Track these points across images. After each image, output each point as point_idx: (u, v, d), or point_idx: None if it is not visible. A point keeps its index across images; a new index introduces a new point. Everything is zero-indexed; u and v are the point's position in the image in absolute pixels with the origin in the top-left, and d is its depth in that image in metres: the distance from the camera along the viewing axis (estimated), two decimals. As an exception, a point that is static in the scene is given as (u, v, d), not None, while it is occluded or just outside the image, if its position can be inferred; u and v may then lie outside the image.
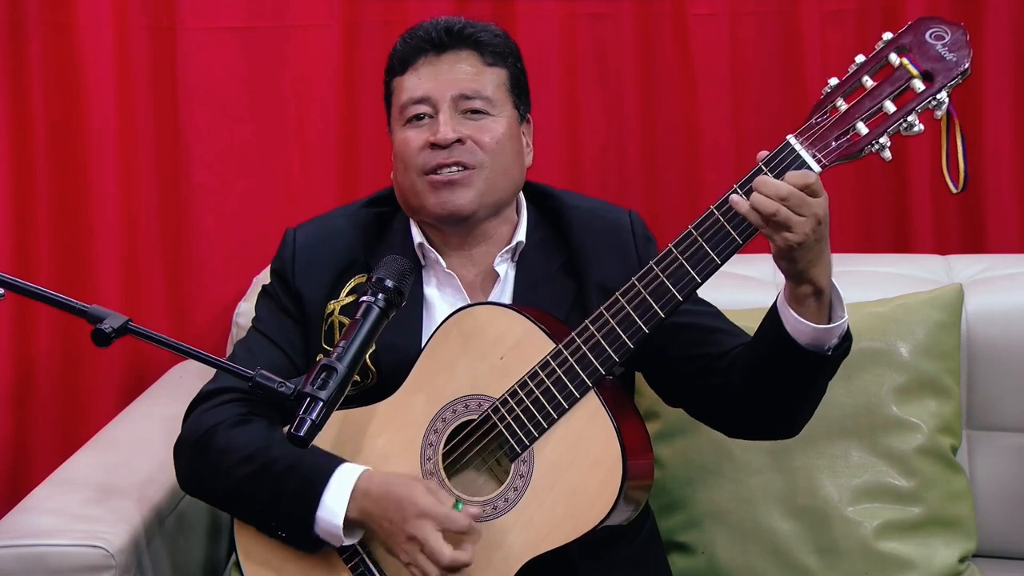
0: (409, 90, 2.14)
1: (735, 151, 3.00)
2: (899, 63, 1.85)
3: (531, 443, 1.97)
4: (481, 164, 2.11)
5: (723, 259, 1.90)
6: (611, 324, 1.94)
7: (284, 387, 1.80)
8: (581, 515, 1.93)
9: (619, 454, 1.92)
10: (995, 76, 2.97)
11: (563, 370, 1.95)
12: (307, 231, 2.23)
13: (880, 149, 1.85)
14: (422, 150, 2.11)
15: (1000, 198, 2.99)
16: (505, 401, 1.98)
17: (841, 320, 1.93)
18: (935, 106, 1.83)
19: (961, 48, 1.83)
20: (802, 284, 1.89)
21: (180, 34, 2.94)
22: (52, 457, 2.78)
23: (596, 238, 2.17)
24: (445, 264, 2.16)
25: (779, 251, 1.86)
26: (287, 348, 2.16)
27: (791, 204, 1.82)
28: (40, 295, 1.86)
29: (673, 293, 1.92)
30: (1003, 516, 2.55)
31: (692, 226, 1.91)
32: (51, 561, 2.06)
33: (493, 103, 2.14)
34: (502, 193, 2.15)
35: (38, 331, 2.94)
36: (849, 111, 1.85)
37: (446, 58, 2.14)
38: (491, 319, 2.03)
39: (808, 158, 1.85)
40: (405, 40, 2.17)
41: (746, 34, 3.02)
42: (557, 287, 2.15)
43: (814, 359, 1.93)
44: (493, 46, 2.16)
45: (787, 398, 2.02)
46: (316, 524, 1.98)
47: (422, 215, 2.15)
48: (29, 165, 2.92)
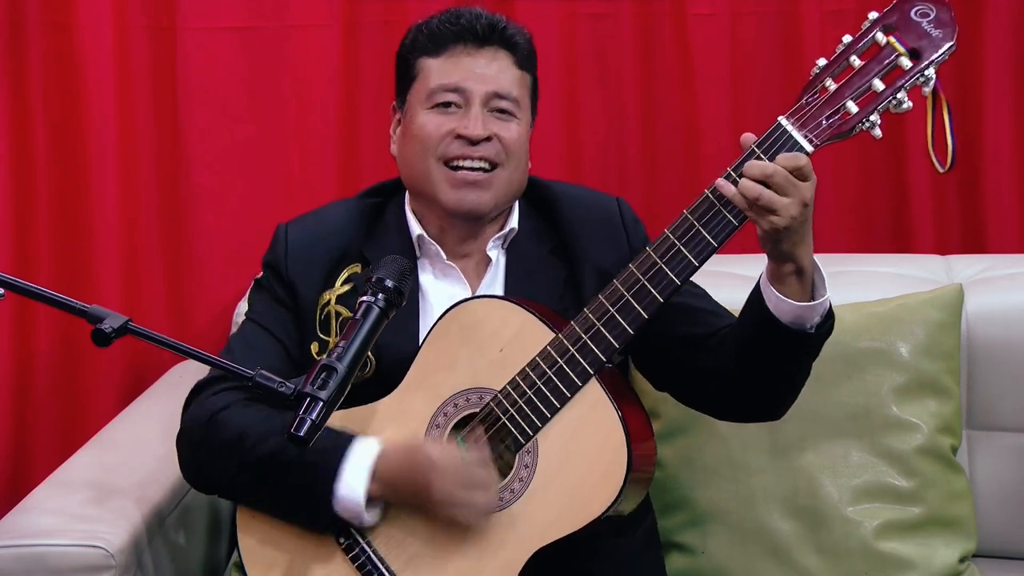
0: (442, 76, 2.14)
1: (735, 151, 2.98)
2: (886, 42, 1.87)
3: (535, 433, 1.97)
4: (503, 163, 2.13)
5: (720, 242, 1.91)
6: (611, 312, 1.95)
7: (284, 387, 1.80)
8: (588, 503, 1.93)
9: (623, 440, 1.92)
10: (995, 76, 2.96)
11: (564, 359, 1.96)
12: (299, 225, 2.23)
13: (871, 127, 1.87)
14: (445, 137, 2.12)
15: (1000, 198, 2.99)
16: (507, 393, 1.98)
17: (823, 298, 1.94)
18: (923, 82, 1.85)
19: (946, 25, 1.85)
20: (785, 263, 1.91)
21: (180, 34, 2.94)
22: (52, 457, 2.78)
23: (585, 222, 2.19)
24: (445, 256, 2.17)
25: (765, 234, 1.88)
26: (284, 338, 2.16)
27: (775, 184, 1.83)
28: (40, 295, 1.86)
29: (671, 278, 1.93)
30: (1003, 516, 2.55)
31: (688, 211, 1.92)
32: (51, 561, 2.06)
33: (519, 105, 2.16)
34: (514, 194, 2.18)
35: (38, 331, 2.94)
36: (839, 90, 1.87)
37: (484, 53, 2.15)
38: (489, 312, 2.04)
39: (800, 138, 1.87)
40: (443, 22, 2.16)
41: (746, 34, 3.02)
42: (549, 271, 2.17)
43: (797, 337, 1.94)
44: (525, 50, 2.18)
45: (772, 377, 2.03)
46: (336, 503, 1.97)
47: (429, 202, 2.16)
48: (29, 165, 2.92)
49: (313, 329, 2.15)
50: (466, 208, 2.13)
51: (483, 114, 2.12)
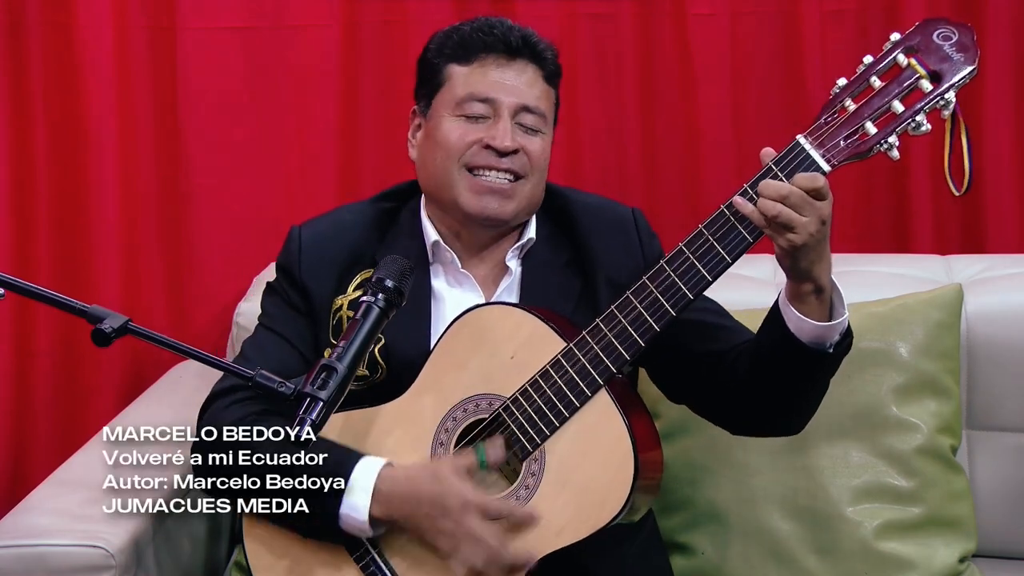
0: (473, 85, 2.13)
1: (735, 151, 2.99)
2: (907, 63, 1.87)
3: (542, 441, 1.97)
4: (527, 176, 2.13)
5: (734, 258, 1.92)
6: (623, 323, 1.96)
7: (284, 387, 1.80)
8: (594, 512, 1.94)
9: (631, 451, 1.93)
10: (995, 76, 2.96)
11: (575, 369, 1.97)
12: (314, 227, 2.23)
13: (888, 148, 1.87)
14: (471, 147, 2.12)
15: (1000, 198, 2.99)
16: (516, 400, 1.99)
17: (842, 317, 1.94)
18: (942, 106, 1.86)
19: (968, 49, 1.85)
20: (804, 282, 1.91)
21: (180, 34, 2.94)
22: (52, 457, 2.78)
23: (601, 234, 2.19)
24: (460, 264, 2.17)
25: (782, 251, 1.88)
26: (297, 342, 2.16)
27: (793, 204, 1.84)
28: (40, 295, 1.86)
29: (684, 292, 1.94)
30: (1003, 516, 2.55)
31: (703, 225, 1.92)
32: (51, 561, 2.06)
33: (545, 120, 2.17)
34: (535, 207, 2.18)
35: (38, 331, 2.94)
36: (858, 111, 1.88)
37: (515, 65, 2.15)
38: (501, 318, 2.04)
39: (818, 157, 1.88)
40: (476, 31, 2.16)
41: (746, 34, 3.01)
42: (564, 281, 2.17)
43: (816, 356, 1.95)
44: (553, 65, 2.19)
45: (790, 394, 2.03)
46: (341, 521, 1.98)
47: (449, 208, 2.15)
48: (29, 165, 2.92)
49: (326, 334, 2.15)
50: (488, 215, 2.13)
51: (511, 126, 2.13)
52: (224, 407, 2.08)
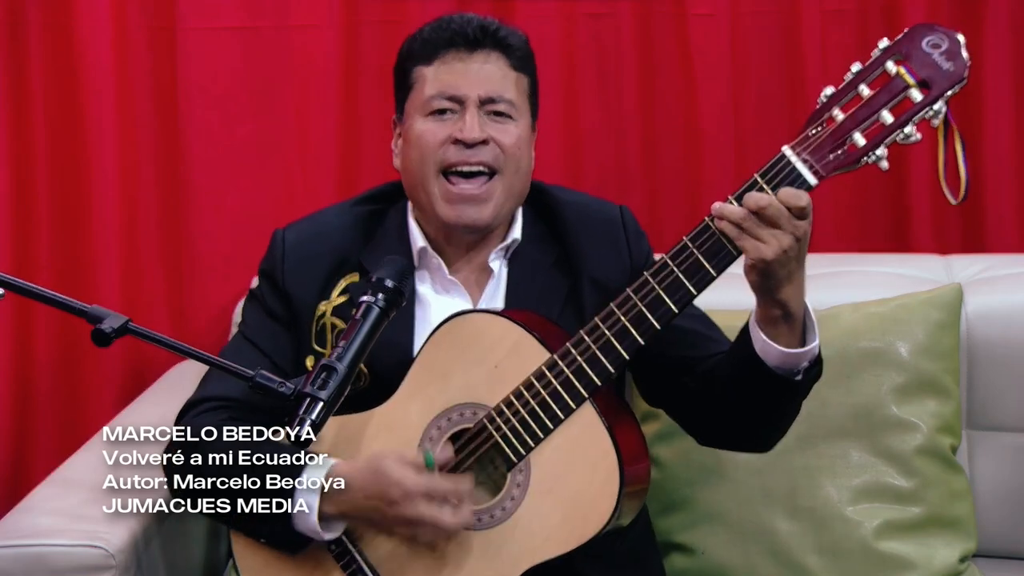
0: (437, 83, 2.13)
1: (735, 151, 2.99)
2: (896, 72, 1.82)
3: (527, 453, 1.96)
4: (502, 168, 2.11)
5: (718, 271, 1.89)
6: (607, 336, 1.93)
7: (284, 387, 1.80)
8: (579, 524, 1.93)
9: (616, 463, 1.92)
10: (995, 77, 2.96)
11: (559, 381, 1.95)
12: (297, 230, 2.21)
13: (877, 160, 1.83)
14: (443, 144, 2.11)
15: (1000, 198, 2.99)
16: (501, 411, 1.97)
17: (812, 345, 1.91)
18: (932, 116, 1.82)
19: (958, 57, 1.81)
20: (772, 306, 1.88)
21: (180, 34, 2.94)
22: (52, 457, 2.78)
23: (588, 233, 2.17)
24: (448, 271, 2.16)
25: (751, 266, 1.85)
26: (273, 355, 2.14)
27: (768, 217, 1.81)
28: (40, 295, 1.86)
29: (669, 305, 1.91)
30: (1003, 516, 2.55)
31: (687, 238, 1.89)
32: (51, 561, 2.06)
33: (516, 107, 2.14)
34: (516, 200, 2.16)
35: (38, 331, 2.94)
36: (846, 121, 1.83)
37: (477, 56, 2.13)
38: (484, 326, 2.02)
39: (804, 170, 1.84)
40: (435, 30, 2.15)
41: (746, 34, 3.01)
42: (550, 283, 2.15)
43: (781, 382, 1.93)
44: (520, 51, 2.16)
45: (754, 416, 2.01)
46: (295, 524, 1.98)
47: (431, 215, 2.14)
48: (29, 165, 2.92)
49: (308, 341, 2.14)
50: (465, 223, 2.12)
51: (479, 117, 2.11)
52: (192, 417, 2.09)
